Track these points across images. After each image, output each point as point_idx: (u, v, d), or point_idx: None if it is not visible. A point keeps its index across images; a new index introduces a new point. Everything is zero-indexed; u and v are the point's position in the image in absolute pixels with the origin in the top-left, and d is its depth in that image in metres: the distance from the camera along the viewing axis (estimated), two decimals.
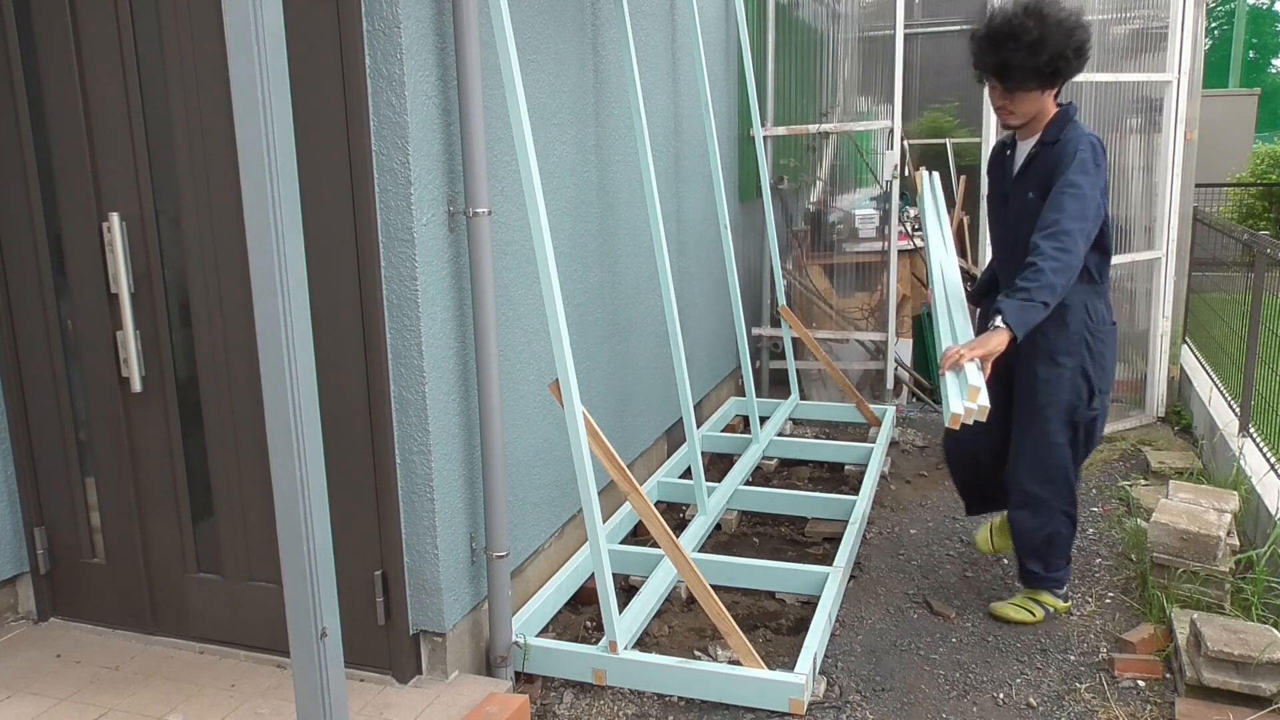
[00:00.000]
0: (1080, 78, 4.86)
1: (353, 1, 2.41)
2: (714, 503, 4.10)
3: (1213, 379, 5.16)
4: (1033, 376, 3.11)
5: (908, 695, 2.88)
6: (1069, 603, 3.34)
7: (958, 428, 2.66)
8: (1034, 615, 3.27)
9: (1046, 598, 3.30)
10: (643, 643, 3.18)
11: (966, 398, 2.66)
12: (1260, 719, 2.66)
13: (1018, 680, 2.95)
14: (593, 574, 3.08)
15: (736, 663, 2.91)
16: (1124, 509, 4.19)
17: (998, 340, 2.75)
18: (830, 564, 3.49)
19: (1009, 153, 3.18)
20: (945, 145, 8.92)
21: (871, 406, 5.46)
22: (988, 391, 2.73)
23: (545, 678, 2.95)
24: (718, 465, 4.96)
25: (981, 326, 2.96)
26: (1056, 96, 3.05)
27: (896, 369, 5.87)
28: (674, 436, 4.78)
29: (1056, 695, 2.87)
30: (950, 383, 2.76)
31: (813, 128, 5.83)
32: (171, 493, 2.91)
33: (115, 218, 2.75)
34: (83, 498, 3.03)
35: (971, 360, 2.75)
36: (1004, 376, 3.11)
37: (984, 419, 2.64)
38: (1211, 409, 4.75)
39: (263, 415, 1.79)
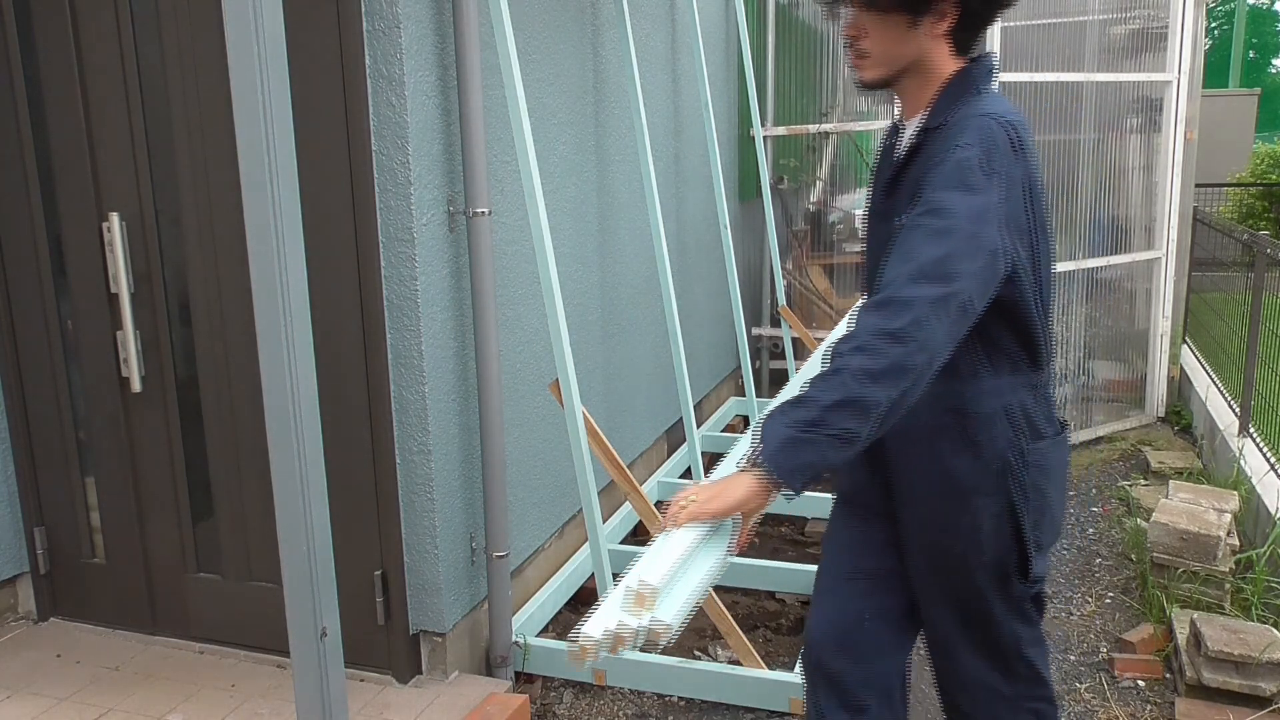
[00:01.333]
0: (1079, 77, 4.90)
1: (353, 1, 2.41)
2: None
3: (1213, 379, 5.16)
4: (927, 529, 1.80)
5: None
6: None
7: (583, 663, 1.43)
8: None
9: None
10: None
11: (627, 605, 1.39)
12: (1260, 719, 2.66)
13: None
14: (593, 574, 3.08)
15: (736, 663, 2.91)
16: (1124, 509, 4.19)
17: (743, 492, 1.52)
18: None
19: (893, 142, 1.85)
20: None
21: None
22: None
23: (545, 678, 2.95)
24: (717, 465, 4.95)
25: None
26: (959, 48, 1.71)
27: None
28: (674, 436, 4.78)
29: (1056, 695, 2.86)
30: (647, 559, 1.47)
31: (813, 128, 5.83)
32: (171, 493, 2.91)
33: (115, 218, 2.75)
34: (83, 498, 3.03)
35: (699, 519, 1.54)
36: (873, 525, 1.90)
37: (665, 639, 1.40)
38: (1211, 409, 4.74)
39: (263, 415, 1.79)
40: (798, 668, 2.82)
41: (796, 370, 5.74)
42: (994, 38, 4.52)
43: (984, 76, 1.72)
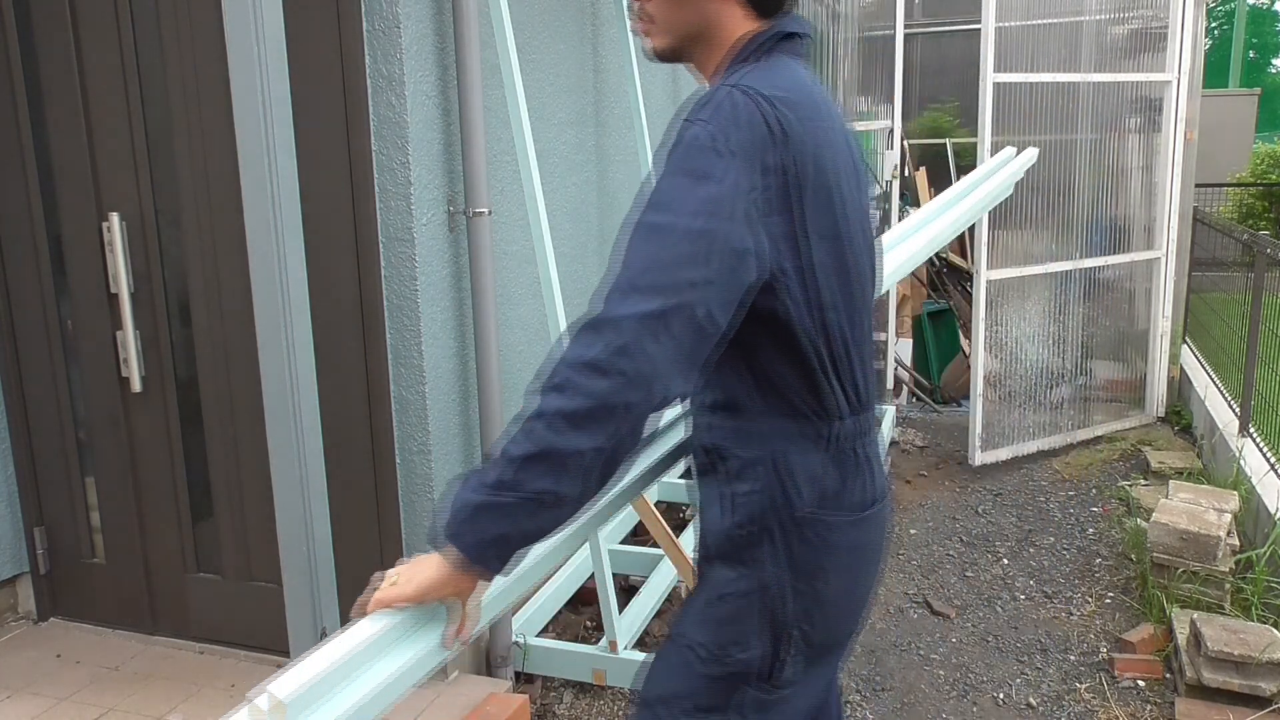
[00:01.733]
0: (1078, 78, 4.90)
1: (353, 1, 2.41)
2: None
3: (1213, 379, 5.16)
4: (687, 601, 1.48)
5: (907, 695, 2.88)
6: None
7: None
8: None
9: None
10: (643, 643, 3.18)
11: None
12: (1260, 719, 2.66)
13: (1018, 680, 2.95)
14: (593, 574, 3.08)
15: None
16: (1124, 509, 4.19)
17: (431, 575, 1.19)
18: None
19: None
20: (945, 145, 8.92)
21: None
22: None
23: (545, 678, 2.95)
24: None
25: None
26: (758, 10, 1.37)
27: (896, 369, 5.87)
28: None
29: (1056, 695, 2.87)
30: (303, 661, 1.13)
31: None
32: (171, 493, 2.91)
33: (115, 218, 2.75)
34: (83, 498, 3.03)
35: (387, 607, 1.20)
36: None
37: None
38: (1211, 409, 4.74)
39: (263, 415, 1.79)
40: None
41: None
42: (990, 38, 4.51)
43: (770, 40, 1.35)
